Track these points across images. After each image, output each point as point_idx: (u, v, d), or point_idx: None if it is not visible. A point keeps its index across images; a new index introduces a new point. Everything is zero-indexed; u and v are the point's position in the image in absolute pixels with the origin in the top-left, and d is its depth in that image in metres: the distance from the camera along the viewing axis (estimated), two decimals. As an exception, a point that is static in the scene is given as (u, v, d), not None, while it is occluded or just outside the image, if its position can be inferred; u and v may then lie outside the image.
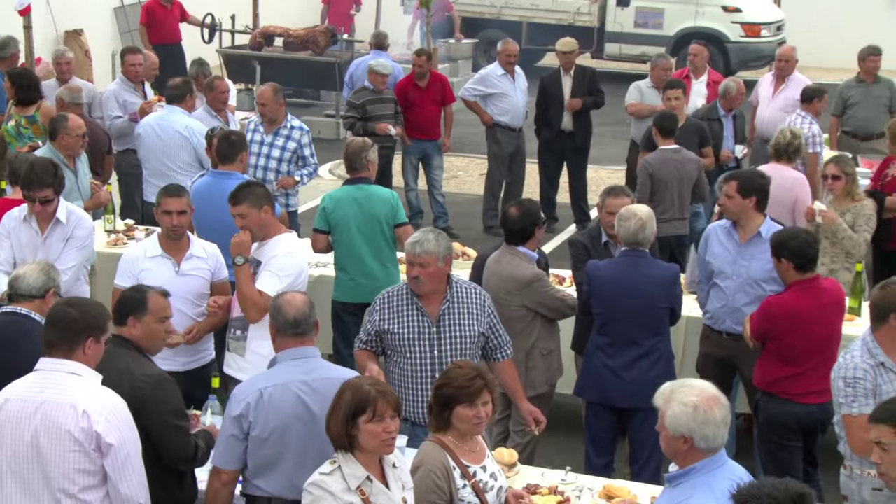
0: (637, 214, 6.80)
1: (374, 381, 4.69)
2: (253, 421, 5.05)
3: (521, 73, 12.87)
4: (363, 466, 4.59)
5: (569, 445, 7.71)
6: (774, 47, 14.52)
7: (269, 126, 9.70)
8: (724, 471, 4.37)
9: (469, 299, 6.17)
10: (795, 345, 6.56)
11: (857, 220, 8.43)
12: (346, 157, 8.31)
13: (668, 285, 6.84)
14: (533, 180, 13.35)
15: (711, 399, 4.39)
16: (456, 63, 20.85)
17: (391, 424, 4.57)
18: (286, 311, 5.25)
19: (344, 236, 8.06)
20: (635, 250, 6.81)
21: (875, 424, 4.25)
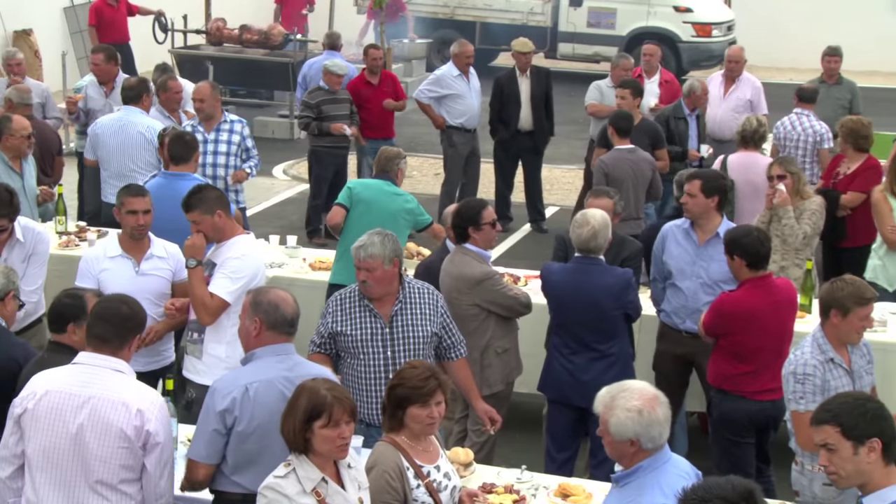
0: (590, 222, 6.78)
1: (331, 385, 4.67)
2: (238, 416, 5.01)
3: (475, 74, 12.89)
4: (318, 468, 4.58)
5: (525, 444, 7.73)
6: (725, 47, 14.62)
7: (209, 124, 9.72)
8: (669, 466, 4.41)
9: (422, 299, 6.18)
10: (748, 342, 6.61)
11: (802, 216, 8.53)
12: (378, 162, 8.69)
13: (620, 293, 6.81)
14: (487, 180, 13.38)
15: (653, 400, 4.43)
16: (410, 63, 20.85)
17: (346, 430, 4.56)
18: (284, 309, 5.20)
19: (364, 217, 8.14)
20: (587, 257, 6.81)
21: (818, 427, 4.27)
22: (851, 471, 4.22)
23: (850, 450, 4.20)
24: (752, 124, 9.51)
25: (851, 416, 4.21)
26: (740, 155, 9.46)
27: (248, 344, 5.24)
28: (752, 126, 9.48)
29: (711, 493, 3.78)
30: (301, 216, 12.82)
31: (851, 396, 4.37)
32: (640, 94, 10.98)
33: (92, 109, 10.97)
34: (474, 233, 6.91)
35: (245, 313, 5.26)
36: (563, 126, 14.22)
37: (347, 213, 8.33)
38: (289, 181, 15.08)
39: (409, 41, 21.26)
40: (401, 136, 14.32)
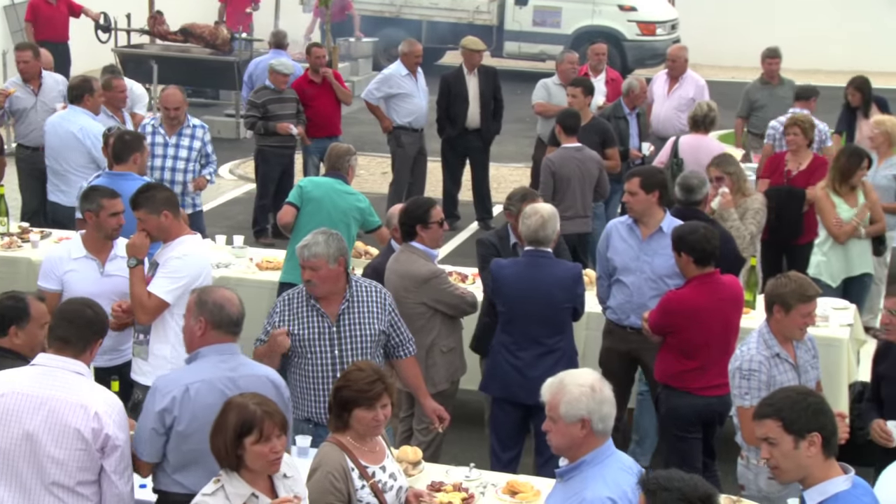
0: (539, 212, 6.84)
1: (260, 399, 4.60)
2: (178, 416, 4.99)
3: (422, 74, 12.89)
4: (249, 483, 4.53)
5: (473, 442, 7.75)
6: (669, 45, 14.75)
7: (172, 128, 9.63)
8: (613, 460, 4.43)
9: (369, 298, 6.17)
10: (694, 339, 6.66)
11: (745, 215, 8.62)
12: (329, 158, 8.64)
13: (571, 285, 6.88)
14: (435, 179, 13.38)
15: (602, 381, 4.47)
16: (356, 62, 20.81)
17: (278, 444, 4.52)
18: (230, 310, 5.18)
19: (314, 216, 8.12)
20: (538, 250, 6.85)
21: (760, 421, 4.31)
22: (792, 465, 4.26)
23: (791, 444, 4.24)
24: (703, 109, 10.05)
25: (793, 410, 4.25)
26: (691, 137, 10.03)
27: (192, 343, 5.22)
28: (703, 111, 10.03)
29: (673, 483, 3.82)
30: (248, 216, 12.75)
31: (793, 391, 4.41)
32: (590, 93, 11.02)
33: (18, 109, 10.85)
34: (422, 231, 6.90)
35: (189, 313, 5.24)
36: (509, 124, 14.26)
37: (298, 212, 8.30)
38: (235, 181, 15.00)
39: (356, 40, 21.23)
40: (347, 135, 14.29)
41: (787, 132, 9.73)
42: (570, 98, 10.88)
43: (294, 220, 8.30)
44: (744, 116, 12.65)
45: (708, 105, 10.20)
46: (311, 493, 4.81)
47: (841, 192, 8.81)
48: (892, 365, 5.98)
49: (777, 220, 9.51)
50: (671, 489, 3.78)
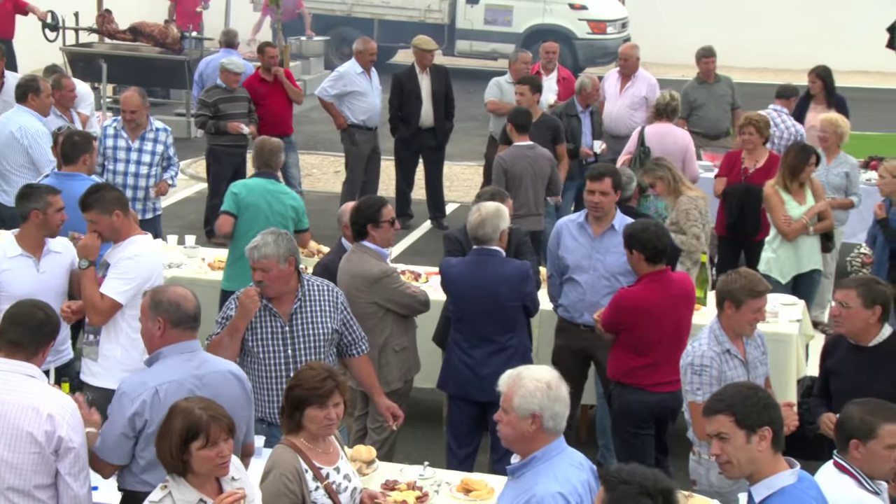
0: (479, 210, 6.85)
1: (206, 403, 4.58)
2: (149, 419, 4.96)
3: (375, 73, 12.87)
4: (196, 489, 4.51)
5: (427, 440, 7.76)
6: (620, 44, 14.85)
7: (134, 131, 9.54)
8: (564, 457, 4.44)
9: (321, 297, 6.16)
10: (646, 336, 6.70)
11: (678, 217, 8.68)
12: (260, 154, 8.49)
13: (518, 284, 6.87)
14: (387, 177, 13.37)
15: (559, 379, 4.48)
16: (308, 60, 20.75)
17: (225, 448, 4.50)
18: (186, 306, 5.17)
19: (252, 223, 8.04)
20: (485, 249, 6.85)
21: (711, 416, 4.34)
22: (744, 459, 4.30)
23: (743, 439, 4.28)
24: (666, 98, 10.52)
25: (744, 405, 4.29)
26: (656, 126, 10.45)
27: (153, 344, 5.19)
28: (666, 100, 10.50)
29: (634, 477, 3.84)
30: (199, 215, 12.68)
31: (742, 386, 4.46)
32: (538, 91, 11.07)
33: None
34: (373, 230, 6.89)
35: (145, 315, 5.21)
36: (462, 123, 14.28)
37: (236, 220, 8.23)
38: (187, 180, 14.89)
39: (307, 39, 21.16)
40: (299, 133, 14.25)
41: (742, 131, 9.83)
42: (518, 96, 10.92)
43: (233, 229, 8.23)
44: (684, 117, 12.72)
45: (670, 94, 10.58)
46: (265, 495, 4.79)
47: (791, 189, 8.89)
48: (841, 359, 6.03)
49: (735, 217, 9.62)
50: (631, 483, 3.81)
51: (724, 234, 9.94)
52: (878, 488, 4.65)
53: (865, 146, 14.11)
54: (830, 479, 4.67)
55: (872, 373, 5.80)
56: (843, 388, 5.83)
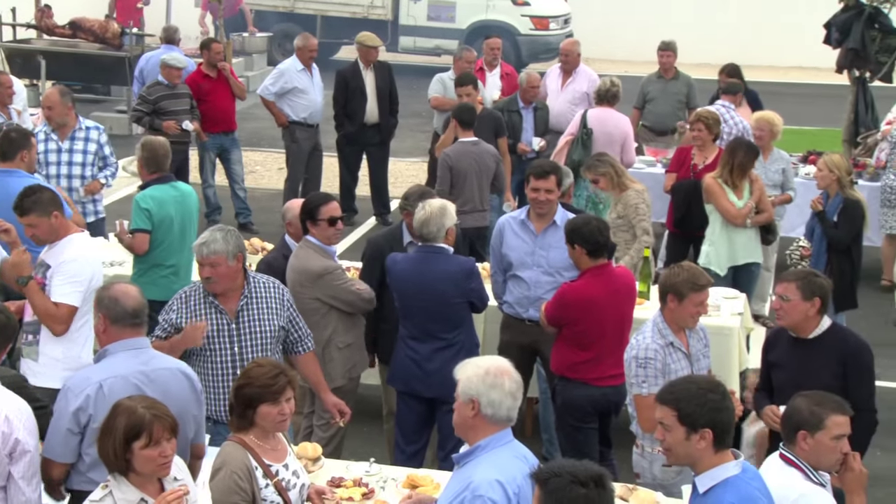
0: (425, 207, 6.85)
1: (149, 402, 4.56)
2: (93, 414, 4.93)
3: (317, 69, 12.84)
4: (138, 488, 4.49)
5: (373, 437, 7.76)
6: (562, 40, 14.90)
7: (62, 132, 9.38)
8: (508, 448, 4.48)
9: (268, 294, 6.14)
10: (589, 330, 6.73)
11: (627, 211, 8.75)
12: (156, 158, 8.15)
13: (462, 281, 6.87)
14: (332, 174, 13.35)
15: (503, 370, 4.50)
16: (250, 57, 20.66)
17: (167, 448, 4.48)
18: (125, 302, 5.13)
19: (166, 235, 7.97)
20: (430, 246, 6.85)
21: (660, 405, 4.44)
22: (681, 452, 4.40)
23: (683, 434, 4.36)
24: (607, 84, 10.97)
25: (690, 403, 4.36)
26: (598, 110, 10.91)
27: (101, 341, 5.20)
28: (607, 85, 10.95)
29: (564, 469, 3.89)
30: (141, 213, 12.56)
31: (696, 384, 4.48)
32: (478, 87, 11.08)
33: None
34: (312, 227, 6.88)
35: (94, 312, 5.24)
36: (406, 119, 14.29)
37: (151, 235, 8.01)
38: (128, 178, 14.74)
39: (249, 35, 21.05)
40: (242, 130, 14.18)
41: (692, 128, 9.93)
42: (464, 97, 10.89)
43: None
44: (639, 108, 12.83)
45: (611, 80, 10.98)
46: (215, 493, 4.77)
47: (736, 183, 8.99)
48: (782, 352, 6.09)
49: (683, 213, 9.71)
50: (562, 474, 3.86)
51: (673, 230, 10.04)
52: (822, 480, 4.73)
53: (803, 141, 14.31)
54: (777, 471, 4.73)
55: (813, 365, 5.87)
56: (785, 381, 5.90)
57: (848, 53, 13.02)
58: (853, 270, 8.84)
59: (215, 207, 12.81)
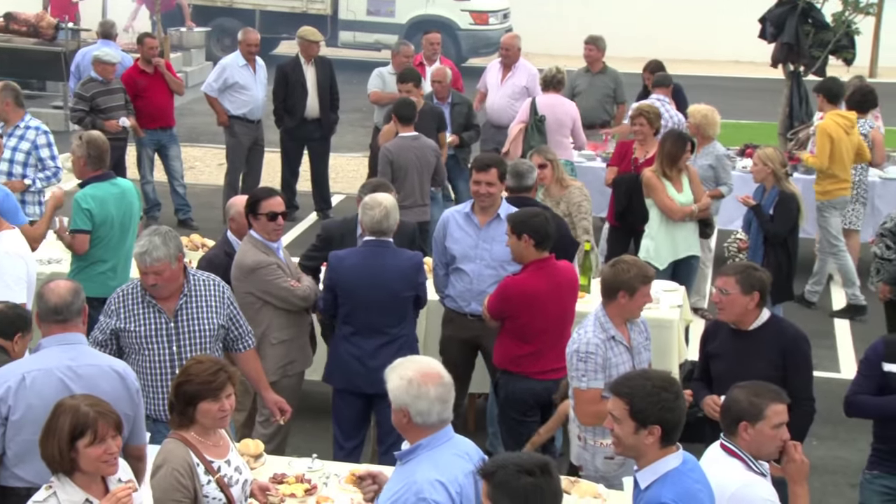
0: (382, 203, 6.85)
1: (93, 400, 4.55)
2: (13, 405, 4.92)
3: (262, 65, 12.76)
4: (82, 488, 4.47)
5: (317, 433, 7.74)
6: (502, 34, 14.94)
7: (6, 128, 9.24)
8: (449, 446, 4.48)
9: (207, 292, 6.11)
10: (531, 323, 6.76)
11: (570, 210, 8.80)
12: (99, 153, 8.03)
13: (412, 274, 6.91)
14: (273, 169, 13.29)
15: (428, 375, 4.47)
16: (189, 52, 20.48)
17: (113, 445, 4.47)
18: (48, 297, 5.16)
19: (107, 233, 7.88)
20: (378, 240, 6.87)
21: (613, 395, 4.49)
22: (629, 444, 4.46)
23: (632, 428, 4.41)
24: (552, 70, 11.40)
25: (642, 399, 4.41)
26: (546, 97, 11.29)
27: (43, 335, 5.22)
28: (552, 73, 11.39)
29: (509, 460, 3.93)
30: (79, 210, 12.42)
31: (651, 381, 4.50)
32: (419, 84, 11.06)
33: None
34: (253, 221, 6.88)
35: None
36: (347, 114, 14.26)
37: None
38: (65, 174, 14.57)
39: (187, 30, 20.88)
40: (181, 126, 14.08)
41: (633, 122, 10.00)
42: (404, 93, 10.88)
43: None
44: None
45: (556, 68, 11.42)
46: (157, 491, 4.75)
47: (670, 176, 9.07)
48: (722, 344, 6.15)
49: (624, 206, 9.79)
50: (507, 466, 3.89)
51: (614, 224, 10.11)
52: (763, 470, 4.80)
53: (740, 135, 14.48)
54: (718, 462, 4.79)
55: (752, 356, 5.94)
56: (724, 372, 5.96)
57: (782, 48, 13.20)
58: (790, 263, 8.95)
59: (154, 204, 12.70)
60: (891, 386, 5.96)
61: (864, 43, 17.64)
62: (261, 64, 12.72)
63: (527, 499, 3.86)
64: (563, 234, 7.83)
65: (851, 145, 10.60)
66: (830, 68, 13.70)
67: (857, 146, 10.67)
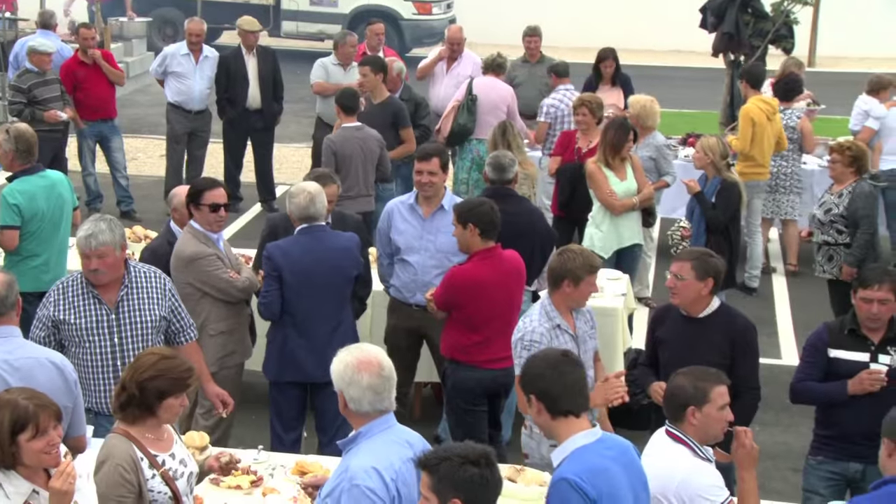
0: (305, 189, 6.84)
1: (31, 393, 4.50)
2: None
3: (213, 56, 12.65)
4: (27, 479, 4.43)
5: (261, 424, 7.70)
6: (445, 24, 14.95)
7: None
8: (389, 433, 4.46)
9: (149, 283, 6.06)
10: (478, 313, 6.77)
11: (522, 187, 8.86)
12: (28, 147, 7.88)
13: (355, 251, 6.93)
14: (216, 160, 13.20)
15: (365, 363, 4.44)
16: (130, 42, 20.26)
17: (55, 435, 4.44)
18: None
19: (37, 227, 7.77)
20: (312, 225, 6.85)
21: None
22: (540, 425, 4.53)
23: (525, 404, 4.54)
24: (493, 55, 11.81)
25: (524, 373, 4.54)
26: (484, 79, 11.71)
27: None
28: (493, 56, 11.78)
29: (450, 452, 3.95)
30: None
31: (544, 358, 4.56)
32: (381, 70, 10.92)
33: None
34: (195, 212, 6.84)
35: None
36: (290, 105, 14.18)
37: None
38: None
39: (128, 20, 20.66)
40: (123, 116, 13.94)
41: (577, 112, 10.06)
42: (361, 79, 10.81)
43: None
44: None
45: (498, 53, 11.83)
46: (101, 486, 4.70)
47: (612, 165, 9.13)
48: (671, 330, 6.17)
49: (568, 196, 9.84)
50: (451, 457, 3.91)
51: (558, 213, 10.16)
52: (708, 455, 4.84)
53: (682, 124, 14.59)
54: (665, 448, 4.83)
55: (701, 343, 5.96)
56: (673, 358, 5.96)
57: (723, 37, 13.33)
58: (731, 250, 9.04)
59: (96, 195, 12.57)
60: (836, 372, 6.04)
61: (803, 32, 17.87)
62: (211, 56, 12.62)
63: (471, 488, 3.89)
64: (542, 224, 7.89)
65: (773, 131, 10.77)
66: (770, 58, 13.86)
67: (778, 133, 10.85)
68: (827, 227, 8.75)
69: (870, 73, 12.92)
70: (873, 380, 5.92)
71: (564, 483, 4.25)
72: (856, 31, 22.81)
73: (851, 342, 6.05)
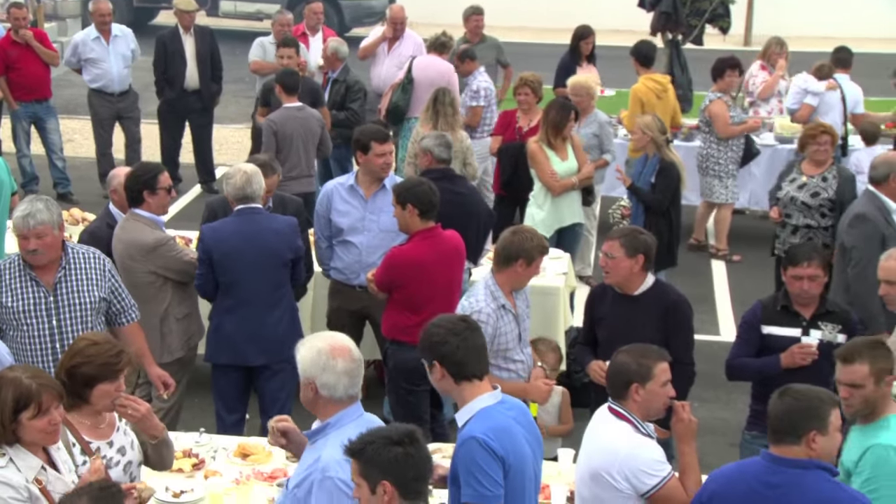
0: (241, 169, 6.82)
1: (33, 372, 4.48)
2: None
3: (126, 35, 12.49)
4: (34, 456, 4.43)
5: (204, 407, 7.67)
6: (386, 4, 14.88)
7: None
8: (359, 423, 4.44)
9: (87, 264, 6.00)
10: (419, 293, 6.78)
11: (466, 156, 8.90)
12: None
13: (291, 235, 6.90)
14: (154, 142, 13.07)
15: (338, 349, 4.45)
16: (64, 22, 19.98)
17: (56, 415, 4.42)
18: None
19: None
20: (250, 207, 6.82)
21: None
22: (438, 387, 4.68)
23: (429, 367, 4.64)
24: (438, 34, 11.73)
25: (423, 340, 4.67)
26: (424, 57, 11.64)
27: None
28: (437, 36, 11.71)
29: (375, 435, 3.98)
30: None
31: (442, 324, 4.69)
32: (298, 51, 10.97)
33: None
34: (149, 197, 6.74)
35: None
36: (230, 85, 14.07)
37: None
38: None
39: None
40: (59, 97, 13.75)
41: (518, 91, 10.09)
42: (286, 59, 10.79)
43: None
44: None
45: (444, 32, 11.74)
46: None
47: (554, 145, 9.17)
48: (608, 308, 6.23)
49: (509, 175, 9.86)
50: (375, 441, 3.94)
51: (499, 192, 10.18)
52: (649, 431, 4.89)
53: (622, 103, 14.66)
54: (608, 425, 4.88)
55: (637, 320, 6.02)
56: (610, 336, 6.04)
57: (661, 17, 13.43)
58: (671, 230, 9.09)
59: (32, 177, 12.40)
60: (769, 347, 6.14)
61: (739, 12, 18.01)
62: (123, 33, 12.46)
63: (398, 468, 3.90)
64: (483, 206, 7.91)
65: (666, 109, 10.86)
66: (707, 37, 13.96)
67: (672, 111, 10.95)
68: (814, 210, 8.76)
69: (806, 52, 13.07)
70: (804, 353, 6.02)
71: (473, 441, 4.40)
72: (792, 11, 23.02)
73: (784, 318, 6.15)
